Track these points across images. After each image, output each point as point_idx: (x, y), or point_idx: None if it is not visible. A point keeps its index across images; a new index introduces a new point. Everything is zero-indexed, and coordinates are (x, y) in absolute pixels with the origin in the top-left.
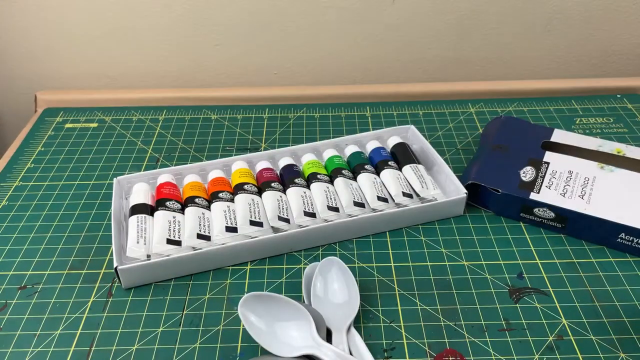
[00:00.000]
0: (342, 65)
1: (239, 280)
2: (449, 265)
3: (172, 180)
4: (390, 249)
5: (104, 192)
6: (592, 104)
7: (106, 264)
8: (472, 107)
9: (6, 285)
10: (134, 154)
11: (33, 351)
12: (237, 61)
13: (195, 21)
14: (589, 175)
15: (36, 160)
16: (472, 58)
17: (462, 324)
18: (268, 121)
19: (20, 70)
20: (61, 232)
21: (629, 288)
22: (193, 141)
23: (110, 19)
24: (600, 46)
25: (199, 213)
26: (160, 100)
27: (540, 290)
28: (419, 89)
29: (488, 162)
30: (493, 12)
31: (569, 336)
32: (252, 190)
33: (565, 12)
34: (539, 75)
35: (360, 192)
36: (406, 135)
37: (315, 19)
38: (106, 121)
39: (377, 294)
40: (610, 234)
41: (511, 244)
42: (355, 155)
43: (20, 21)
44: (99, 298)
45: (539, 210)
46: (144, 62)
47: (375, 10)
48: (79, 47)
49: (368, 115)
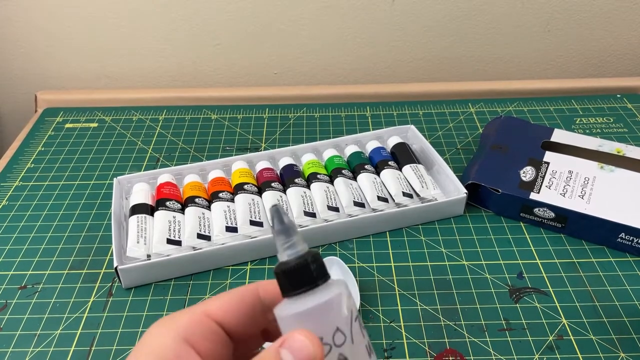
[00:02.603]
0: (342, 65)
1: (239, 280)
2: (449, 265)
3: (172, 180)
4: (390, 249)
5: (104, 192)
6: (592, 104)
7: (106, 264)
8: (472, 107)
9: (6, 285)
10: (134, 154)
11: (33, 351)
12: (237, 61)
13: (195, 21)
14: (589, 175)
15: (36, 160)
16: (472, 58)
17: (462, 324)
18: (268, 121)
19: (20, 70)
20: (61, 232)
21: (629, 288)
22: (193, 141)
23: (110, 19)
24: (600, 46)
25: (199, 213)
26: (160, 100)
27: (540, 290)
28: (419, 89)
29: (488, 162)
30: (493, 12)
31: (569, 336)
32: (252, 190)
33: (565, 12)
34: (539, 75)
35: (360, 192)
36: (406, 135)
37: (315, 19)
38: (106, 121)
39: (377, 294)
40: (610, 233)
41: (511, 243)
42: (355, 155)
43: (20, 21)
44: (99, 298)
45: (539, 210)
46: (144, 62)
47: (375, 10)
48: (79, 47)
49: (368, 115)
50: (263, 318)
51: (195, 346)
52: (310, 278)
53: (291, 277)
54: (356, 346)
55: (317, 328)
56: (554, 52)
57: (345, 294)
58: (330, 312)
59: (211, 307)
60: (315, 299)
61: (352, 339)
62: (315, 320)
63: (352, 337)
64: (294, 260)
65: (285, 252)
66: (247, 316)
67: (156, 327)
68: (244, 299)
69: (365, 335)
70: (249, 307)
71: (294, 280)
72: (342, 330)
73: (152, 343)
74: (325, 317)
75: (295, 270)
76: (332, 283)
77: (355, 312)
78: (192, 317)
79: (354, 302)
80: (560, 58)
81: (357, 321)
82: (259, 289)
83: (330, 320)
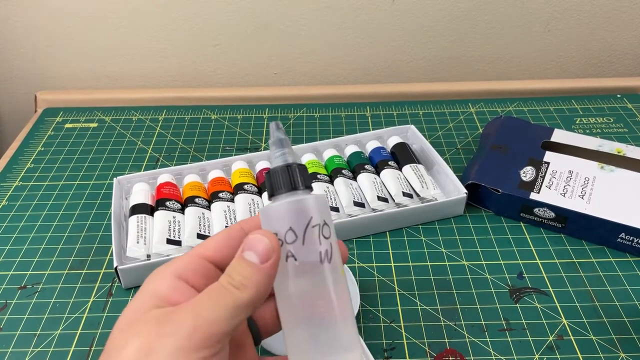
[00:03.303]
0: (342, 65)
1: None
2: (449, 265)
3: (172, 180)
4: (390, 249)
5: (104, 192)
6: (592, 104)
7: (106, 264)
8: (472, 107)
9: (6, 285)
10: (134, 154)
11: (33, 351)
12: (237, 61)
13: (195, 21)
14: (589, 175)
15: (36, 160)
16: (472, 58)
17: (462, 324)
18: (268, 121)
19: (20, 70)
20: (61, 232)
21: (629, 288)
22: (193, 141)
23: (110, 18)
24: (600, 46)
25: (199, 213)
26: (160, 100)
27: (540, 290)
28: (419, 89)
29: (488, 162)
30: (493, 12)
31: (569, 336)
32: (252, 190)
33: (565, 12)
34: (539, 75)
35: (360, 192)
36: (406, 135)
37: (315, 19)
38: (106, 121)
39: (377, 294)
40: (610, 233)
41: (511, 243)
42: (355, 155)
43: (20, 21)
44: (99, 298)
45: (539, 210)
46: (143, 62)
47: (375, 10)
48: (79, 47)
49: (368, 115)
50: None
51: (189, 281)
52: (287, 183)
53: (272, 179)
54: (306, 248)
55: (274, 224)
56: (554, 52)
57: (313, 205)
58: (287, 213)
59: (201, 249)
60: (279, 200)
61: (303, 241)
62: (273, 217)
63: (304, 240)
64: (279, 167)
65: (276, 160)
66: (234, 249)
67: (155, 270)
68: (230, 235)
69: (325, 244)
70: (234, 241)
71: (274, 183)
72: (294, 230)
73: (151, 283)
74: (281, 216)
75: (275, 174)
76: (310, 194)
77: (317, 222)
78: (186, 258)
79: (326, 217)
80: (560, 58)
81: (315, 229)
82: (242, 225)
83: (286, 219)
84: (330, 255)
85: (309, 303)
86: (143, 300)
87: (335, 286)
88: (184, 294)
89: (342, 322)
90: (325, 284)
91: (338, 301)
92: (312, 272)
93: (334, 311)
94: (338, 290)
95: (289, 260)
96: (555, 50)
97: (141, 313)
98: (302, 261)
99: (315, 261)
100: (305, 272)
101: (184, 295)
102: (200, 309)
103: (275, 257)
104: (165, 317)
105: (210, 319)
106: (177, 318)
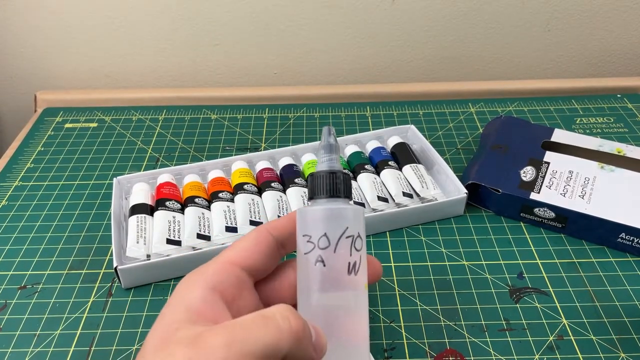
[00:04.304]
0: (342, 65)
1: None
2: (449, 265)
3: (172, 180)
4: (390, 249)
5: (104, 192)
6: (592, 104)
7: (106, 264)
8: (472, 107)
9: (6, 285)
10: (134, 154)
11: (33, 351)
12: (237, 61)
13: (195, 21)
14: (589, 175)
15: (36, 160)
16: (472, 58)
17: (462, 324)
18: (268, 121)
19: (20, 70)
20: (61, 232)
21: (629, 288)
22: (193, 141)
23: (110, 18)
24: (600, 46)
25: (198, 213)
26: (160, 100)
27: (540, 290)
28: (419, 89)
29: (488, 162)
30: (493, 11)
31: (569, 336)
32: (252, 190)
33: (565, 12)
34: (539, 75)
35: (360, 192)
36: (406, 135)
37: (315, 19)
38: (106, 121)
39: (377, 294)
40: (610, 233)
41: (511, 243)
42: (355, 155)
43: (20, 21)
44: (99, 298)
45: (539, 210)
46: (143, 62)
47: (375, 10)
48: (79, 47)
49: (368, 115)
50: (278, 253)
51: (223, 294)
52: (327, 189)
53: (314, 182)
54: (337, 256)
55: (309, 227)
56: (554, 52)
57: (351, 216)
58: (324, 219)
59: (232, 255)
60: (319, 205)
61: (335, 249)
62: (310, 220)
63: (336, 248)
64: (324, 171)
65: (322, 164)
66: (264, 254)
67: (186, 278)
68: (258, 239)
69: (355, 256)
70: (263, 246)
71: (315, 186)
72: (328, 237)
73: (183, 293)
74: (318, 221)
75: (319, 178)
76: (349, 204)
77: (351, 233)
78: (217, 266)
79: (361, 230)
80: (560, 58)
81: (349, 240)
82: (268, 229)
83: (322, 224)
84: (358, 267)
85: (329, 310)
86: (175, 313)
87: (356, 300)
88: (217, 307)
89: (363, 342)
90: (346, 296)
91: (356, 315)
92: (337, 281)
93: (353, 325)
94: (358, 304)
95: (317, 265)
96: (555, 50)
97: (174, 329)
98: (331, 268)
99: (343, 271)
100: (331, 279)
101: (216, 310)
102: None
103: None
104: (198, 340)
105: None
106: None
